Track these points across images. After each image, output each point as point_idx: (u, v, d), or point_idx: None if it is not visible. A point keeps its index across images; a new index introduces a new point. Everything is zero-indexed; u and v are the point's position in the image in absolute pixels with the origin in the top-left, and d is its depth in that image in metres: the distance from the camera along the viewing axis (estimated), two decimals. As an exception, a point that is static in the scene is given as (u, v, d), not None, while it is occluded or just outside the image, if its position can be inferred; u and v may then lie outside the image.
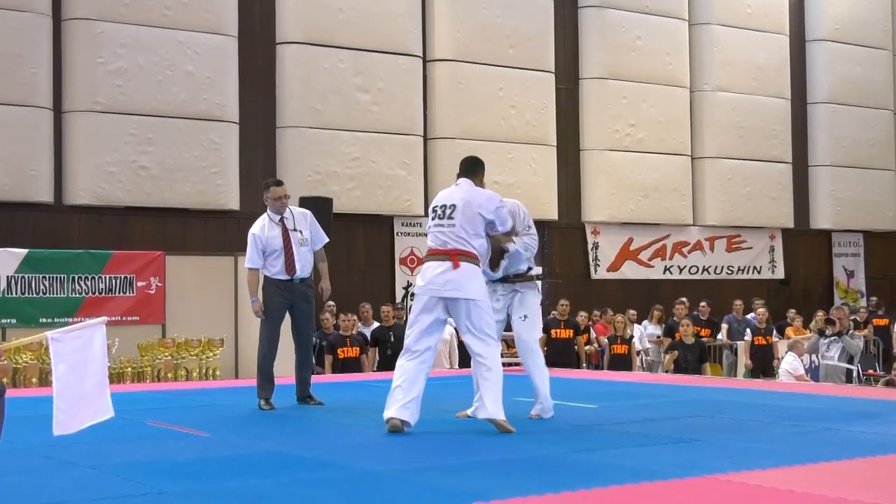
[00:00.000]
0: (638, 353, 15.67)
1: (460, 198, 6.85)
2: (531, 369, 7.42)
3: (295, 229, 8.57)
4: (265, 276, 8.55)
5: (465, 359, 11.84)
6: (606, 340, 14.92)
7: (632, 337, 15.05)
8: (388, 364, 13.54)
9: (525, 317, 7.42)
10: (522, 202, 7.66)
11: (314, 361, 13.32)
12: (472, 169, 7.11)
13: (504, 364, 12.88)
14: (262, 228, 8.56)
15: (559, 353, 14.14)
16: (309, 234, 8.65)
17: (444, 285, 6.72)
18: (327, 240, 8.91)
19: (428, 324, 6.80)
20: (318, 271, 8.85)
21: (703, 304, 16.82)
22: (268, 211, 8.67)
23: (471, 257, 6.78)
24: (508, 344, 14.43)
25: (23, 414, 7.04)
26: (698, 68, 20.89)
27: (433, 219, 6.91)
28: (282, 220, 8.58)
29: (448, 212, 6.82)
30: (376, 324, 14.12)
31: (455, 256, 6.72)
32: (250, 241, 8.55)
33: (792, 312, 18.03)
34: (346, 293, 15.87)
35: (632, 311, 16.74)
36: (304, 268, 8.55)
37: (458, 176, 7.08)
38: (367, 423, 7.26)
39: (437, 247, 6.82)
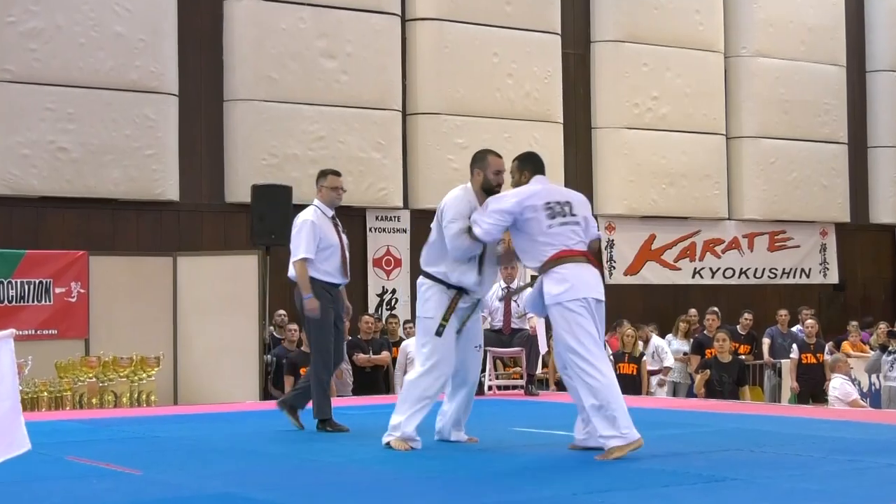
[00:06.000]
0: (655, 371, 15.67)
1: (572, 195, 7.44)
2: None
3: (344, 231, 8.98)
4: (311, 278, 8.76)
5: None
6: (613, 358, 14.89)
7: (642, 355, 15.08)
8: (367, 386, 13.54)
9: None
10: (522, 190, 7.73)
11: (272, 384, 13.37)
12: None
13: (503, 387, 12.96)
14: (318, 218, 8.80)
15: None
16: None
17: (600, 288, 7.23)
18: None
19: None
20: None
21: (746, 315, 16.78)
22: (316, 202, 8.94)
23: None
24: (505, 364, 14.45)
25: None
26: (735, 29, 20.94)
27: (555, 216, 7.18)
28: (334, 217, 8.95)
29: (567, 209, 7.26)
30: (349, 337, 14.11)
31: (591, 258, 7.29)
32: (306, 228, 8.71)
33: (853, 325, 17.97)
34: (309, 301, 15.83)
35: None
36: None
37: (533, 172, 7.40)
38: (332, 459, 7.25)
39: (576, 248, 7.21)
